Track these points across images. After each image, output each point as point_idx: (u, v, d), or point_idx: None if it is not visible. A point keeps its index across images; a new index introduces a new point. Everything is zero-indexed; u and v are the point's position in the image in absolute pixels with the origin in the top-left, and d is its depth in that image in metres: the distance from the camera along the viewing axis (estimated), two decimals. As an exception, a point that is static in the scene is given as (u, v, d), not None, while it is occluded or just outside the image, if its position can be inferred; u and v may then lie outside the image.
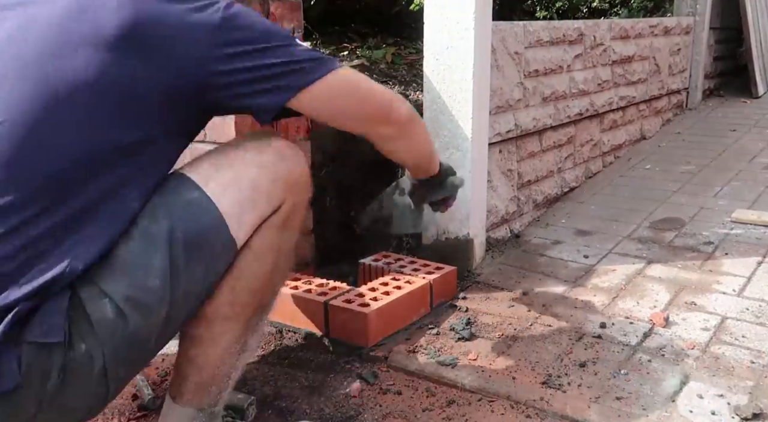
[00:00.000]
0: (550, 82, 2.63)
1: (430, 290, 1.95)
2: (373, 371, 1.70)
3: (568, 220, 2.64)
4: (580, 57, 2.83)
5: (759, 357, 1.63)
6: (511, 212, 2.51)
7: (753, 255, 2.22)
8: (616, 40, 3.13)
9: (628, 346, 1.72)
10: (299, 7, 1.94)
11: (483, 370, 1.63)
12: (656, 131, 3.82)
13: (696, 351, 1.68)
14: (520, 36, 2.41)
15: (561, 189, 2.86)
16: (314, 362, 1.79)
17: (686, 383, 1.54)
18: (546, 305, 1.97)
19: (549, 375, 1.60)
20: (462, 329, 1.82)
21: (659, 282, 2.07)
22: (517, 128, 2.46)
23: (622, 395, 1.51)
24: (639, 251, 2.32)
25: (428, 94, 2.13)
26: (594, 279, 2.12)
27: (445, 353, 1.72)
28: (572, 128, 2.88)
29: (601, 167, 3.19)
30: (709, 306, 1.91)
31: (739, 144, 3.56)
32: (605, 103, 3.11)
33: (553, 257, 2.30)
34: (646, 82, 3.54)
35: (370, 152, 2.50)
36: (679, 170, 3.17)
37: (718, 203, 2.72)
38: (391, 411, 1.54)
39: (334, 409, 1.56)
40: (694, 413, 1.44)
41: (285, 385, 1.68)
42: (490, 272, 2.20)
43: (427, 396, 1.59)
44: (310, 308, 1.83)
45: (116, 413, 1.63)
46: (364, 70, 2.77)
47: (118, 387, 1.06)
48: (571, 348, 1.73)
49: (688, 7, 4.13)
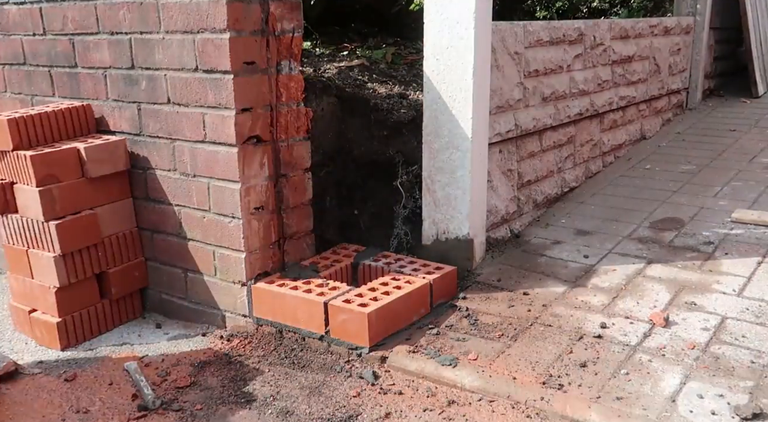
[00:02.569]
0: (550, 82, 2.63)
1: (430, 291, 1.95)
2: (373, 371, 1.70)
3: (568, 220, 2.64)
4: (580, 57, 2.83)
5: (759, 357, 1.63)
6: (511, 212, 2.51)
7: (753, 255, 2.22)
8: (616, 40, 3.12)
9: (628, 346, 1.72)
10: (299, 7, 1.94)
11: (483, 370, 1.63)
12: (656, 130, 3.82)
13: (696, 351, 1.68)
14: (520, 36, 2.41)
15: (561, 189, 2.86)
16: (314, 362, 1.80)
17: (686, 383, 1.54)
18: (546, 305, 1.97)
19: (549, 375, 1.60)
20: (462, 329, 1.82)
21: (659, 282, 2.07)
22: (517, 127, 2.46)
23: (622, 395, 1.51)
24: (639, 251, 2.31)
25: (428, 94, 2.13)
26: (594, 279, 2.12)
27: (445, 353, 1.72)
28: (572, 128, 2.87)
29: (601, 166, 3.19)
30: (709, 306, 1.91)
31: (739, 144, 3.56)
32: (605, 103, 3.11)
33: (553, 257, 2.30)
34: (646, 82, 3.54)
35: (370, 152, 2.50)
36: (679, 170, 3.17)
37: (718, 203, 2.72)
38: (392, 411, 1.54)
39: (334, 409, 1.56)
40: (694, 413, 1.44)
41: (285, 385, 1.68)
42: (490, 272, 2.20)
43: (428, 396, 1.59)
44: (310, 308, 1.83)
45: (116, 413, 1.63)
46: (364, 70, 2.77)
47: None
48: (571, 348, 1.73)
49: (688, 7, 4.12)
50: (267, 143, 1.93)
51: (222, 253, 1.98)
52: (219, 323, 2.07)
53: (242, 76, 1.82)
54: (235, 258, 1.95)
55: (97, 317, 2.07)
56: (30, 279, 2.01)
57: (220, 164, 1.88)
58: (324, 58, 2.94)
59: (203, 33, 1.80)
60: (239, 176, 1.86)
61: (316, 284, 1.92)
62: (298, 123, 2.01)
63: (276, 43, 1.89)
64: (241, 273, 1.95)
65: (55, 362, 1.92)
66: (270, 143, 1.94)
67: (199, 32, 1.80)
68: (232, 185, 1.88)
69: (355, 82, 2.58)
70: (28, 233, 1.97)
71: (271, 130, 1.93)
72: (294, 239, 2.07)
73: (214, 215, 1.95)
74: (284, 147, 1.98)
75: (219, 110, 1.84)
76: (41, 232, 1.93)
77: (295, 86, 1.98)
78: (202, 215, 1.98)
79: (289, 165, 2.01)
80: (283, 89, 1.94)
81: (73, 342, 2.01)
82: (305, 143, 2.05)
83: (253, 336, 1.95)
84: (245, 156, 1.87)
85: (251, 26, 1.82)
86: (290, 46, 1.93)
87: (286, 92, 1.96)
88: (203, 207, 1.97)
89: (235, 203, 1.89)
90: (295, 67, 1.97)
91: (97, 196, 2.01)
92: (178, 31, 1.84)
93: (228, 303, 2.03)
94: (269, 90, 1.90)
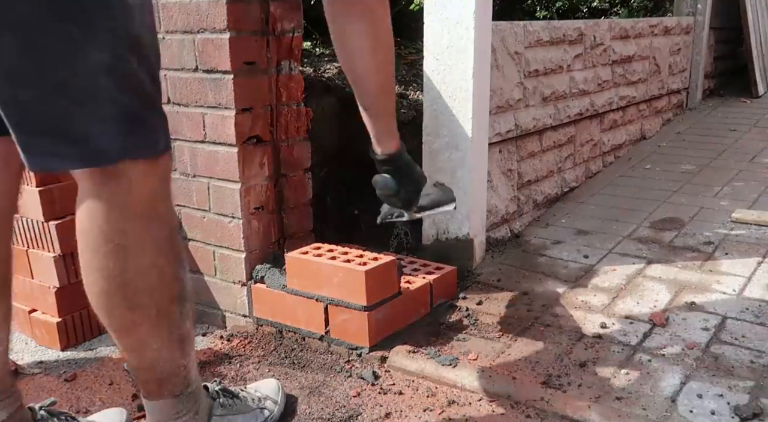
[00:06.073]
0: (550, 82, 2.63)
1: (430, 290, 1.95)
2: (373, 371, 1.70)
3: (568, 220, 2.64)
4: (580, 57, 2.83)
5: (759, 357, 1.63)
6: (511, 212, 2.51)
7: (753, 255, 2.22)
8: (616, 40, 3.12)
9: (628, 346, 1.72)
10: (299, 7, 1.94)
11: (483, 370, 1.63)
12: (656, 130, 3.82)
13: (696, 351, 1.68)
14: (520, 36, 2.41)
15: (561, 189, 2.86)
16: (314, 362, 1.80)
17: (686, 383, 1.54)
18: (546, 305, 1.96)
19: (549, 375, 1.60)
20: (462, 329, 1.82)
21: (659, 282, 2.07)
22: (517, 127, 2.46)
23: (622, 395, 1.51)
24: (639, 251, 2.31)
25: (428, 94, 2.13)
26: (594, 279, 2.12)
27: (445, 353, 1.72)
28: (572, 128, 2.88)
29: (601, 166, 3.19)
30: (709, 306, 1.90)
31: (739, 144, 3.56)
32: (605, 103, 3.11)
33: (553, 257, 2.30)
34: (646, 82, 3.54)
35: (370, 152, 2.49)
36: (679, 170, 3.17)
37: (719, 203, 2.72)
38: (392, 411, 1.54)
39: (334, 409, 1.56)
40: (694, 413, 1.43)
41: (285, 385, 1.67)
42: (490, 272, 2.20)
43: (428, 396, 1.59)
44: (310, 308, 1.83)
45: (116, 413, 1.63)
46: (364, 70, 2.76)
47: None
48: (571, 348, 1.73)
49: (688, 7, 4.13)
50: (267, 143, 1.93)
51: (222, 253, 1.98)
52: (219, 323, 2.07)
53: (242, 76, 1.82)
54: (236, 258, 1.95)
55: (97, 317, 2.06)
56: (30, 279, 2.01)
57: (220, 164, 1.88)
58: (324, 58, 2.94)
59: (203, 33, 1.80)
60: (239, 176, 1.86)
61: (316, 284, 1.91)
62: (299, 123, 2.01)
63: (276, 43, 1.89)
64: (241, 273, 1.95)
65: (55, 362, 1.92)
66: (270, 143, 1.94)
67: (199, 32, 1.80)
68: (232, 185, 1.88)
69: (355, 82, 2.58)
70: (27, 233, 1.97)
71: (271, 130, 1.93)
72: (294, 239, 2.07)
73: (214, 215, 1.95)
74: (284, 147, 1.98)
75: (219, 110, 1.84)
76: (41, 232, 1.93)
77: (295, 86, 1.98)
78: (202, 215, 1.98)
79: (289, 165, 2.01)
80: (284, 89, 1.94)
81: (73, 342, 2.01)
82: (305, 143, 2.05)
83: (253, 336, 1.95)
84: (245, 156, 1.87)
85: (251, 26, 1.82)
86: (290, 46, 1.93)
87: (287, 92, 1.96)
88: (203, 207, 1.97)
89: (235, 203, 1.89)
90: (295, 67, 1.96)
91: (97, 196, 2.00)
92: (178, 31, 1.84)
93: (228, 303, 2.03)
94: (269, 90, 1.90)
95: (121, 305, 1.14)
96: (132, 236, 1.10)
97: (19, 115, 0.99)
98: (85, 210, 1.09)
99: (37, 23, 0.93)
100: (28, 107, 0.98)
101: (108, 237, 1.09)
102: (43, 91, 0.97)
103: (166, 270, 1.16)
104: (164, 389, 1.25)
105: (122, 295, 1.13)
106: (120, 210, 1.09)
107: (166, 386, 1.25)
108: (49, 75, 0.96)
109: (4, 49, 0.94)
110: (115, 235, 1.09)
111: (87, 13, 0.95)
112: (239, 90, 1.81)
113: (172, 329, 1.20)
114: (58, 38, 0.95)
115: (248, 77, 1.84)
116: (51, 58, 0.96)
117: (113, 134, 1.02)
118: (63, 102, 0.98)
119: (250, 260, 1.95)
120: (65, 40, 0.95)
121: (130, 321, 1.16)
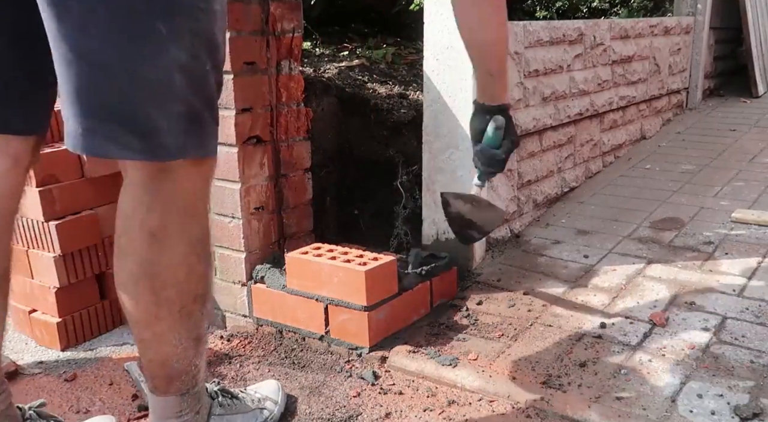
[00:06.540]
0: (550, 82, 2.63)
1: (430, 290, 1.95)
2: (373, 371, 1.70)
3: (568, 220, 2.64)
4: (580, 57, 2.82)
5: (759, 357, 1.63)
6: (511, 212, 2.51)
7: (753, 255, 2.22)
8: (616, 40, 3.12)
9: (628, 346, 1.72)
10: (299, 7, 1.95)
11: (483, 370, 1.63)
12: (656, 130, 3.82)
13: (696, 351, 1.68)
14: (520, 36, 2.41)
15: (561, 189, 2.86)
16: (314, 362, 1.80)
17: (686, 383, 1.54)
18: (546, 305, 1.96)
19: (549, 375, 1.60)
20: (462, 329, 1.82)
21: (659, 282, 2.07)
22: (517, 127, 2.45)
23: (622, 395, 1.51)
24: (639, 250, 2.31)
25: (428, 94, 2.13)
26: (594, 279, 2.12)
27: (445, 353, 1.72)
28: (572, 128, 2.87)
29: (601, 166, 3.19)
30: (709, 306, 1.90)
31: (739, 144, 3.56)
32: (605, 103, 3.11)
33: (553, 257, 2.30)
34: (646, 82, 3.54)
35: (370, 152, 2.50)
36: (679, 170, 3.17)
37: (719, 203, 2.72)
38: (392, 411, 1.54)
39: (334, 409, 1.56)
40: (694, 413, 1.43)
41: (285, 385, 1.68)
42: (491, 272, 2.20)
43: (428, 396, 1.59)
44: (310, 308, 1.83)
45: (116, 413, 1.63)
46: (364, 70, 2.77)
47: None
48: (571, 348, 1.73)
49: (688, 7, 4.12)
50: (267, 143, 1.93)
51: (222, 253, 1.98)
52: (219, 323, 2.07)
53: (242, 76, 1.82)
54: (236, 258, 1.95)
55: (97, 317, 2.07)
56: (30, 279, 2.01)
57: (220, 164, 1.88)
58: (324, 58, 2.94)
59: (203, 33, 1.79)
60: (239, 176, 1.86)
61: (316, 284, 1.91)
62: (298, 123, 2.01)
63: (276, 43, 1.89)
64: (241, 273, 1.95)
65: (55, 362, 1.92)
66: (270, 143, 1.94)
67: (199, 32, 1.80)
68: (232, 185, 1.88)
69: (355, 82, 2.58)
70: (27, 233, 1.97)
71: (271, 130, 1.93)
72: (294, 239, 2.07)
73: (214, 215, 1.95)
74: (284, 147, 1.98)
75: (219, 110, 1.83)
76: (41, 232, 1.93)
77: (295, 86, 1.98)
78: (202, 215, 1.98)
79: (289, 165, 2.01)
80: (283, 89, 1.94)
81: (73, 342, 2.01)
82: (305, 143, 2.05)
83: (254, 336, 1.95)
84: (245, 156, 1.87)
85: (251, 26, 1.82)
86: (290, 46, 1.93)
87: (286, 92, 1.96)
88: (203, 207, 1.97)
89: (235, 203, 1.89)
90: (295, 67, 1.97)
91: (97, 196, 2.01)
92: (178, 31, 1.84)
93: (228, 303, 2.03)
94: (269, 90, 1.90)
95: (147, 295, 1.15)
96: (170, 230, 1.14)
97: (94, 98, 1.00)
98: (129, 199, 1.13)
99: (132, 15, 0.97)
100: (106, 91, 1.00)
101: (148, 228, 1.12)
102: (125, 80, 1.00)
103: (195, 268, 1.18)
104: (172, 386, 1.25)
105: (150, 285, 1.14)
106: (164, 205, 1.12)
107: (174, 383, 1.25)
108: (133, 66, 0.99)
109: (97, 32, 0.97)
110: (155, 227, 1.12)
111: (176, 13, 1.00)
112: (239, 90, 1.81)
113: (191, 327, 1.21)
114: (148, 32, 0.98)
115: (248, 77, 1.84)
116: (138, 50, 0.99)
117: (177, 131, 1.05)
118: (141, 94, 1.01)
119: (250, 260, 1.95)
120: (153, 35, 0.99)
121: (153, 314, 1.17)
